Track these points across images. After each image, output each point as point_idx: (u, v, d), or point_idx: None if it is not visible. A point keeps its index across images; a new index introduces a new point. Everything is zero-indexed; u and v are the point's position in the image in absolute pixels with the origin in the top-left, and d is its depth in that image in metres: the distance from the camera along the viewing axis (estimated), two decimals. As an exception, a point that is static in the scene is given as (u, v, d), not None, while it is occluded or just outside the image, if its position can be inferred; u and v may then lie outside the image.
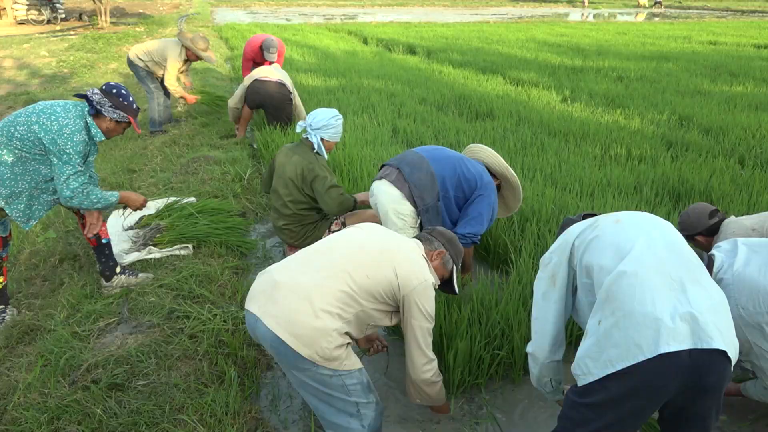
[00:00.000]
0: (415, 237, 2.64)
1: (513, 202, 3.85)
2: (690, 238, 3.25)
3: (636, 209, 4.33)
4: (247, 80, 6.30)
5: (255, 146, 6.50)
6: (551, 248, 2.26)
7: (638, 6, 42.85)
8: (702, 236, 3.22)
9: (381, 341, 2.88)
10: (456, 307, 3.06)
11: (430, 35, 17.88)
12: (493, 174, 3.67)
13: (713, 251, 2.48)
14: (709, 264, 2.38)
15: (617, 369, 1.83)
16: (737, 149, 6.01)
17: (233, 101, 6.51)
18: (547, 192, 4.58)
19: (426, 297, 2.35)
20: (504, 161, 3.72)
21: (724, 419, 2.76)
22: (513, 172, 3.71)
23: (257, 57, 7.47)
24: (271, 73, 6.23)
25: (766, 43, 16.54)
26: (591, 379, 1.90)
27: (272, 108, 6.24)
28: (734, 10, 38.68)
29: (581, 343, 1.99)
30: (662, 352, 1.78)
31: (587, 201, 4.52)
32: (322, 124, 3.84)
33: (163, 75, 6.85)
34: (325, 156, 3.94)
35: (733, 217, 3.21)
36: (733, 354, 1.85)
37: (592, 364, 1.90)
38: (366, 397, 2.31)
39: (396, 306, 2.37)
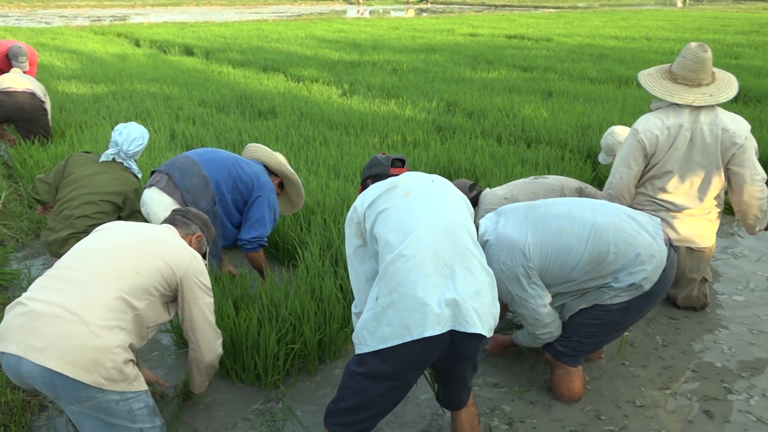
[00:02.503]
0: (167, 220, 2.57)
1: (296, 198, 3.90)
2: (456, 211, 3.55)
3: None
4: (-12, 92, 5.55)
5: (10, 165, 5.76)
6: (354, 205, 2.30)
7: (408, 3, 45.80)
8: (465, 209, 3.54)
9: (161, 383, 2.77)
10: (245, 308, 3.02)
11: (207, 35, 17.33)
12: (273, 173, 3.68)
13: (480, 221, 2.78)
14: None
15: (388, 346, 2.00)
16: (495, 129, 6.71)
17: (-26, 117, 5.69)
18: (331, 183, 4.70)
19: (201, 271, 2.37)
20: (282, 159, 3.74)
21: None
22: (291, 168, 3.75)
23: (4, 66, 6.59)
24: (16, 82, 5.55)
25: (515, 34, 18.63)
26: (367, 350, 2.05)
27: (23, 121, 5.58)
28: (489, 5, 42.99)
29: (362, 314, 2.12)
30: (426, 336, 1.97)
31: (368, 188, 4.71)
32: (138, 150, 3.72)
33: None
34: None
35: (488, 189, 3.58)
36: (488, 331, 2.08)
37: (368, 336, 2.05)
38: (151, 421, 2.20)
39: (173, 294, 2.32)
